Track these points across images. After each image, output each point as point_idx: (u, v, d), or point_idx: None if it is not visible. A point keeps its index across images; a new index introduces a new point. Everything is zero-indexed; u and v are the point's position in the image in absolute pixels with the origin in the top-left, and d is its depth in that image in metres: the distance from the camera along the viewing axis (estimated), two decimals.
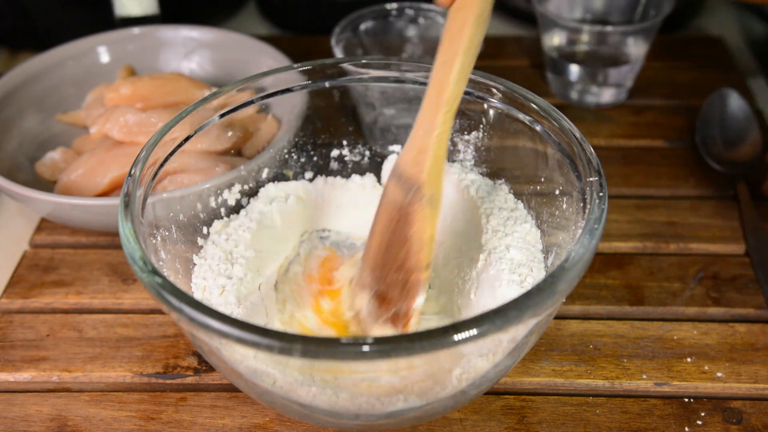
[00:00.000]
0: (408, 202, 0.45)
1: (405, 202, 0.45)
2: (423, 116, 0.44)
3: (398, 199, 0.46)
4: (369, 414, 0.43)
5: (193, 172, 0.58)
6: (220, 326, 0.37)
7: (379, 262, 0.47)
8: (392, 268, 0.46)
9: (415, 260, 0.46)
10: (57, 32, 0.81)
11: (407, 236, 0.45)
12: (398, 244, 0.46)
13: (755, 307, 0.57)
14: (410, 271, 0.46)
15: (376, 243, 0.47)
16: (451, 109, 0.43)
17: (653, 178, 0.68)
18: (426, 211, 0.45)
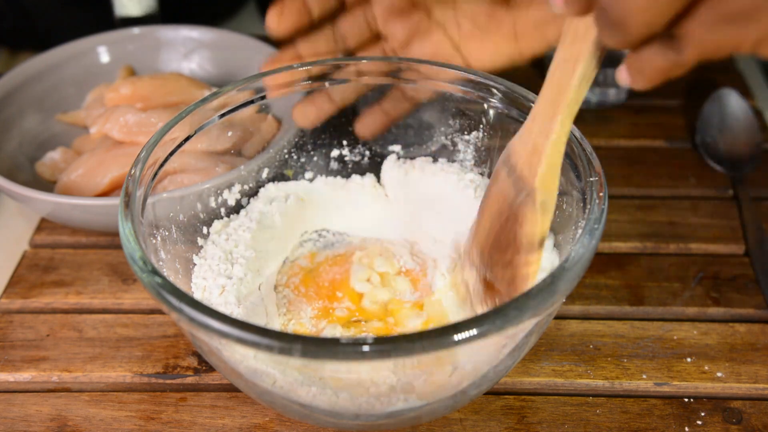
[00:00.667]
0: (519, 202, 0.43)
1: (516, 201, 0.43)
2: (539, 112, 0.41)
3: (509, 193, 0.44)
4: (369, 414, 0.43)
5: (193, 172, 0.58)
6: (220, 326, 0.37)
7: (487, 250, 0.46)
8: (500, 262, 0.45)
9: (523, 260, 0.44)
10: (57, 32, 0.81)
11: (516, 235, 0.44)
12: (507, 240, 0.44)
13: (755, 307, 0.57)
14: (517, 269, 0.44)
15: (485, 226, 0.46)
16: (570, 114, 0.40)
17: (653, 178, 0.68)
18: (537, 216, 0.43)
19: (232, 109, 0.53)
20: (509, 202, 0.44)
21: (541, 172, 0.42)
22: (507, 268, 0.45)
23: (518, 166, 0.43)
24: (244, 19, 0.95)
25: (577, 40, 0.36)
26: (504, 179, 0.44)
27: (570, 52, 0.37)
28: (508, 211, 0.44)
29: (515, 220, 0.44)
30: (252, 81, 0.53)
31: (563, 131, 0.40)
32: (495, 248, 0.45)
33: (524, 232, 0.43)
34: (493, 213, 0.45)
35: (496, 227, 0.45)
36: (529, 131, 0.42)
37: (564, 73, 0.38)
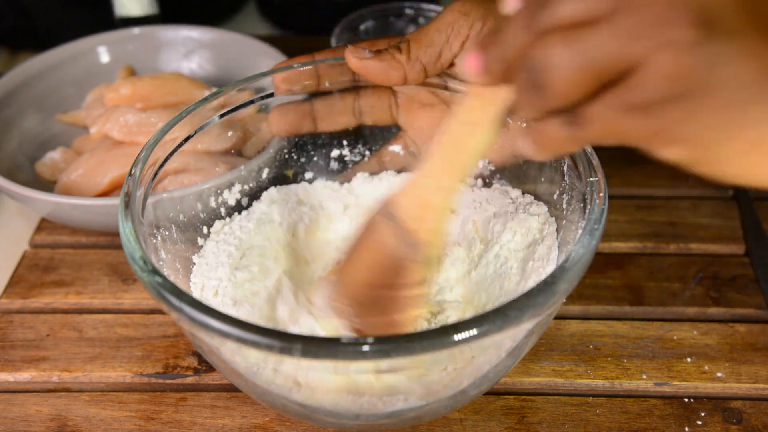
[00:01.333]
0: (403, 255, 0.43)
1: (400, 255, 0.43)
2: (433, 168, 0.41)
3: (391, 246, 0.43)
4: (369, 414, 0.43)
5: (193, 172, 0.58)
6: (220, 326, 0.37)
7: (361, 300, 0.45)
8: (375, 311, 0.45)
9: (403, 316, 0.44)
10: (57, 32, 0.81)
11: (397, 287, 0.43)
12: (386, 291, 0.44)
13: (755, 307, 0.57)
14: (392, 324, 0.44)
15: (360, 276, 0.45)
16: (465, 176, 0.40)
17: (653, 178, 0.68)
18: (422, 269, 0.43)
19: (232, 109, 0.53)
20: (392, 255, 0.43)
21: (431, 228, 0.42)
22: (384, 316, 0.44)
23: (405, 221, 0.42)
24: (244, 19, 0.95)
25: (483, 105, 0.37)
26: (385, 231, 0.43)
27: (473, 115, 0.38)
28: (390, 263, 0.43)
29: (396, 272, 0.43)
30: (252, 81, 0.53)
31: (457, 190, 0.41)
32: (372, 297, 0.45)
33: (407, 283, 0.43)
34: (371, 263, 0.44)
35: (374, 277, 0.44)
36: (418, 185, 0.42)
37: (463, 136, 0.39)
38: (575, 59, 0.29)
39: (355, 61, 0.50)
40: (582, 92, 0.30)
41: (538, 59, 0.30)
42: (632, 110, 0.30)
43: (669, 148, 0.32)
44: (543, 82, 0.30)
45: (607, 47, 0.29)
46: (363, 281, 0.45)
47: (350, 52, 0.50)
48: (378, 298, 0.44)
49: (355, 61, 0.50)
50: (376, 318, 0.45)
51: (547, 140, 0.33)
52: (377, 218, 0.44)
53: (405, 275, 0.43)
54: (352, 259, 0.46)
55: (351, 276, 0.46)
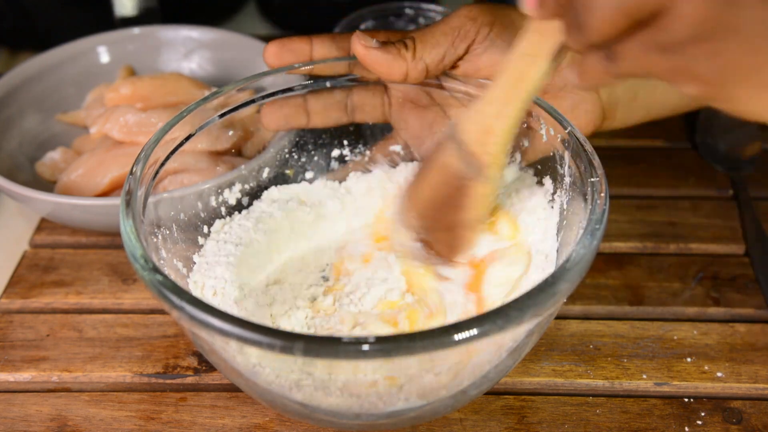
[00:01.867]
0: (468, 177, 0.46)
1: (465, 175, 0.46)
2: (495, 96, 0.44)
3: (457, 166, 0.46)
4: (369, 414, 0.43)
5: (193, 172, 0.58)
6: (221, 324, 0.37)
7: (429, 214, 0.48)
8: (440, 227, 0.48)
9: (466, 230, 0.47)
10: (57, 32, 0.81)
11: (462, 206, 0.47)
12: (451, 209, 0.47)
13: (755, 307, 0.57)
14: (457, 239, 0.48)
15: (426, 193, 0.48)
16: (526, 103, 0.43)
17: (653, 178, 0.68)
18: (485, 190, 0.46)
19: (232, 109, 0.53)
20: (456, 175, 0.46)
21: (494, 152, 0.45)
22: (449, 232, 0.48)
23: (469, 145, 0.45)
24: (244, 19, 0.95)
25: (541, 39, 0.40)
26: (451, 153, 0.46)
27: (533, 47, 0.41)
28: (454, 182, 0.46)
29: (461, 192, 0.46)
30: (252, 81, 0.53)
31: (518, 117, 0.44)
32: (438, 213, 0.48)
33: (471, 202, 0.46)
34: (437, 182, 0.48)
35: (440, 195, 0.48)
36: (482, 112, 0.45)
37: (526, 66, 0.41)
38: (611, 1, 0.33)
39: (360, 48, 0.50)
40: (617, 31, 0.33)
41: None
42: (659, 49, 0.33)
43: (689, 85, 0.35)
44: (584, 20, 0.33)
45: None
46: (429, 197, 0.48)
47: (357, 38, 0.50)
48: (443, 213, 0.48)
49: (361, 48, 0.50)
50: (442, 233, 0.48)
51: (588, 72, 0.36)
52: (444, 141, 0.47)
53: (467, 193, 0.46)
54: (420, 177, 0.49)
55: (419, 192, 0.49)
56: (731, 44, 0.33)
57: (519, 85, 0.42)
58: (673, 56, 0.33)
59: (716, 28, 0.32)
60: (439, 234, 0.49)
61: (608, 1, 0.33)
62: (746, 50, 0.33)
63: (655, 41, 0.33)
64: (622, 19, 0.33)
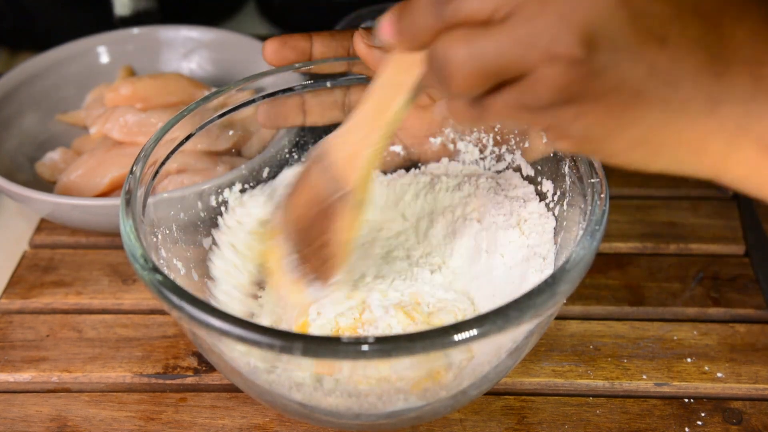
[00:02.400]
0: (334, 199, 0.45)
1: (330, 198, 0.46)
2: (361, 123, 0.44)
3: (323, 189, 0.46)
4: (369, 414, 0.43)
5: (193, 172, 0.58)
6: (221, 324, 0.37)
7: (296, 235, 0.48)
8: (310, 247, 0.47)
9: (334, 251, 0.46)
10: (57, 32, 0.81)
11: (329, 228, 0.46)
12: (319, 230, 0.47)
13: (755, 307, 0.57)
14: (327, 259, 0.47)
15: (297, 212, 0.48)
16: (390, 131, 0.43)
17: (653, 178, 0.68)
18: (352, 214, 0.45)
19: (232, 109, 0.53)
20: (323, 197, 0.46)
21: (359, 175, 0.44)
22: (318, 251, 0.47)
23: (335, 166, 0.45)
24: (244, 19, 0.95)
25: (404, 71, 0.40)
26: (318, 175, 0.46)
27: (396, 78, 0.41)
28: (320, 205, 0.46)
29: (327, 215, 0.46)
30: (252, 81, 0.53)
31: (382, 144, 0.43)
32: (308, 231, 0.48)
33: (337, 225, 0.46)
34: (307, 200, 0.47)
35: (308, 216, 0.47)
36: (347, 138, 0.44)
37: (388, 96, 0.42)
38: (472, 59, 0.33)
39: (362, 47, 0.50)
40: (479, 88, 0.34)
41: (441, 52, 0.33)
42: (525, 108, 0.34)
43: (561, 142, 0.35)
44: (445, 74, 0.33)
45: (501, 51, 0.32)
46: (300, 214, 0.47)
47: (359, 36, 0.50)
48: (313, 232, 0.47)
49: (363, 46, 0.49)
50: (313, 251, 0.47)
51: (456, 113, 0.37)
52: (311, 163, 0.47)
53: (337, 219, 0.46)
54: (293, 193, 0.48)
55: (289, 213, 0.48)
56: (594, 107, 0.33)
57: (382, 114, 0.42)
58: (539, 116, 0.34)
59: (576, 94, 0.32)
60: (308, 250, 0.48)
61: (467, 61, 0.33)
62: (609, 113, 0.33)
63: (520, 101, 0.33)
64: (482, 79, 0.33)
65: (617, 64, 0.32)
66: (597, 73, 0.32)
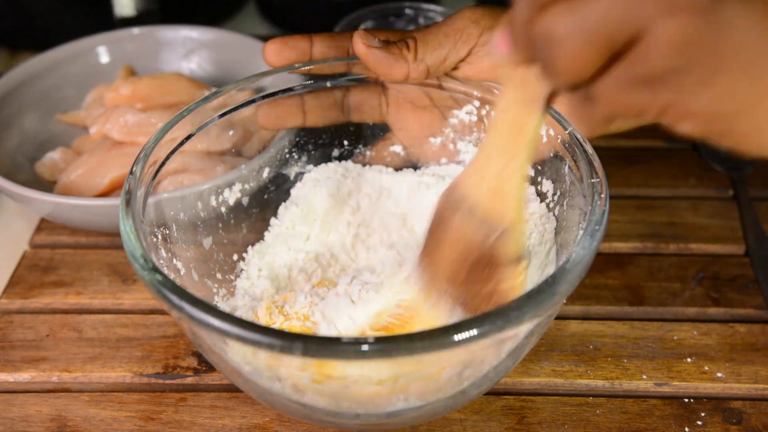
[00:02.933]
0: (490, 244, 0.42)
1: (486, 243, 0.42)
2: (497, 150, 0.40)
3: (474, 236, 0.42)
4: (369, 414, 0.43)
5: (193, 172, 0.58)
6: (221, 324, 0.37)
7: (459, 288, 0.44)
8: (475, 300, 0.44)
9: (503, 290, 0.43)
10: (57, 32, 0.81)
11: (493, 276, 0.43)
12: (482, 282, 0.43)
13: (755, 307, 0.57)
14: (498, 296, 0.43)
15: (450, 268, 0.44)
16: (530, 155, 0.39)
17: (653, 178, 0.68)
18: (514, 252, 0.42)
19: (232, 109, 0.53)
20: (477, 244, 0.42)
21: (511, 214, 0.41)
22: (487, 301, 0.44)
23: (479, 208, 0.42)
24: (244, 19, 0.95)
25: (530, 84, 0.36)
26: (463, 222, 0.43)
27: (523, 94, 0.37)
28: (477, 253, 0.43)
29: (488, 261, 0.42)
30: (252, 81, 0.53)
31: (524, 171, 0.40)
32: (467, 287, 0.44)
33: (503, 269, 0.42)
34: (456, 256, 0.44)
35: (465, 267, 0.44)
36: (482, 173, 0.41)
37: (520, 114, 0.38)
38: (576, 29, 0.28)
39: (362, 47, 0.49)
40: (589, 68, 0.29)
41: (543, 31, 0.29)
42: (639, 84, 0.29)
43: (684, 123, 0.30)
44: (552, 60, 0.29)
45: (608, 12, 0.28)
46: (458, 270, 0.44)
47: (359, 37, 0.49)
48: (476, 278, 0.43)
49: (363, 47, 0.49)
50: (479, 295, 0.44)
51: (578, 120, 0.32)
52: (447, 212, 0.43)
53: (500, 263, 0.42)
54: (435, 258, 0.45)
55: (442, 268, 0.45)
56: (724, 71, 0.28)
57: (518, 137, 0.39)
58: (656, 91, 0.29)
59: (702, 53, 0.27)
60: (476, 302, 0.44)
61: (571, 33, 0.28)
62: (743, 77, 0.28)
63: (634, 74, 0.29)
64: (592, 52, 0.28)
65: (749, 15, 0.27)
66: (724, 26, 0.27)
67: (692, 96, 0.29)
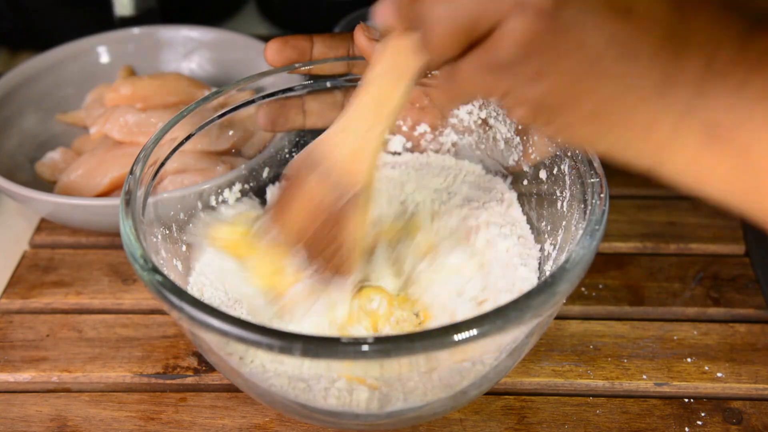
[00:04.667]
0: (342, 204, 0.45)
1: (338, 203, 0.45)
2: (360, 117, 0.43)
3: (326, 197, 0.45)
4: (369, 414, 0.43)
5: (193, 172, 0.58)
6: (220, 325, 0.37)
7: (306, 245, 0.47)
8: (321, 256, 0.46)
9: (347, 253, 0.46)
10: (57, 32, 0.81)
11: (339, 234, 0.45)
12: (329, 238, 0.46)
13: (755, 307, 0.57)
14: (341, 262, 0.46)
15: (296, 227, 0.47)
16: (390, 124, 0.42)
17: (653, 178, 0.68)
18: (361, 214, 0.45)
19: (232, 109, 0.53)
20: (327, 204, 0.45)
21: (365, 177, 0.43)
22: (332, 257, 0.46)
23: (335, 169, 0.44)
24: (244, 19, 0.95)
25: (403, 56, 0.39)
26: (317, 183, 0.45)
27: (395, 64, 0.40)
28: (326, 213, 0.45)
29: (336, 221, 0.45)
30: (252, 81, 0.53)
31: (383, 138, 0.43)
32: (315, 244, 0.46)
33: (349, 228, 0.45)
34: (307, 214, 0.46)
35: (312, 226, 0.46)
36: (344, 137, 0.44)
37: (387, 85, 0.41)
38: (447, 15, 0.33)
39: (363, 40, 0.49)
40: (454, 48, 0.34)
41: (421, 12, 0.34)
42: (489, 69, 0.34)
43: (518, 109, 0.35)
44: (425, 36, 0.34)
45: (474, 5, 0.33)
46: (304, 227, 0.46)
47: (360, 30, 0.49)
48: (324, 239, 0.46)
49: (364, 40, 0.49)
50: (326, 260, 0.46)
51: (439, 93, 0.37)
52: (303, 172, 0.46)
53: (348, 222, 0.45)
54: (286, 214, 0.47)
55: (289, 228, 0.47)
56: (553, 70, 0.33)
57: (383, 106, 0.41)
58: (503, 77, 0.34)
59: (542, 49, 0.32)
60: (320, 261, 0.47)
61: (443, 17, 0.33)
62: (566, 80, 0.33)
63: (485, 60, 0.33)
64: (457, 35, 0.33)
65: (582, 24, 0.32)
66: (561, 30, 0.32)
67: (526, 86, 0.33)
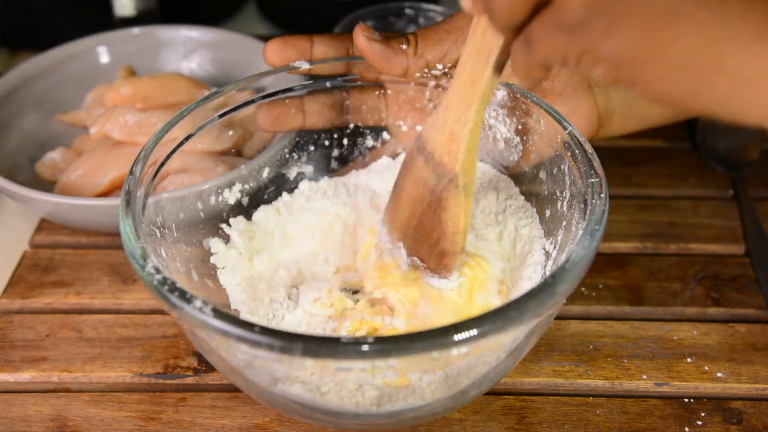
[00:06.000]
0: (441, 188, 0.45)
1: (438, 187, 0.45)
2: (454, 103, 0.43)
3: (429, 180, 0.46)
4: (369, 414, 0.43)
5: (193, 172, 0.58)
6: (220, 325, 0.37)
7: (410, 234, 0.48)
8: (425, 245, 0.47)
9: (450, 243, 0.46)
10: (57, 32, 0.81)
11: (441, 220, 0.46)
12: (431, 224, 0.47)
13: (755, 307, 0.57)
14: (444, 253, 0.47)
15: (405, 212, 0.48)
16: (484, 103, 0.42)
17: (653, 178, 0.68)
18: (461, 199, 0.45)
19: (232, 109, 0.53)
20: (430, 188, 0.46)
21: (462, 159, 0.44)
22: (433, 249, 0.47)
23: (436, 153, 0.45)
24: (244, 19, 0.95)
25: (487, 37, 0.40)
26: (421, 167, 0.46)
27: (481, 45, 0.40)
28: (429, 197, 0.46)
29: (438, 206, 0.46)
30: (252, 81, 0.53)
31: (479, 119, 0.43)
32: (419, 231, 0.47)
33: (449, 214, 0.46)
34: (413, 199, 0.47)
35: (417, 212, 0.47)
36: (443, 120, 0.44)
37: (477, 65, 0.41)
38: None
39: (362, 40, 0.50)
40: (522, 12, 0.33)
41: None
42: (562, 29, 0.32)
43: (596, 68, 0.33)
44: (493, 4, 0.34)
45: None
46: (411, 215, 0.47)
47: (360, 30, 0.50)
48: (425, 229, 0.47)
49: (363, 40, 0.50)
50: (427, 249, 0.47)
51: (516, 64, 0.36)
52: (412, 156, 0.47)
53: (448, 207, 0.45)
54: (396, 195, 0.49)
55: (399, 211, 0.48)
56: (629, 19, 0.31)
57: (475, 87, 0.42)
58: (575, 36, 0.32)
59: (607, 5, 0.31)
60: (424, 251, 0.48)
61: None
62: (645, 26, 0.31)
63: (557, 20, 0.32)
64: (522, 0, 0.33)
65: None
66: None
67: (601, 42, 0.32)
